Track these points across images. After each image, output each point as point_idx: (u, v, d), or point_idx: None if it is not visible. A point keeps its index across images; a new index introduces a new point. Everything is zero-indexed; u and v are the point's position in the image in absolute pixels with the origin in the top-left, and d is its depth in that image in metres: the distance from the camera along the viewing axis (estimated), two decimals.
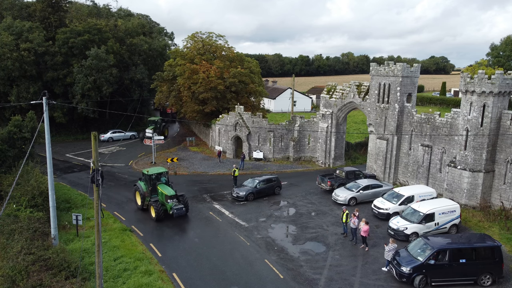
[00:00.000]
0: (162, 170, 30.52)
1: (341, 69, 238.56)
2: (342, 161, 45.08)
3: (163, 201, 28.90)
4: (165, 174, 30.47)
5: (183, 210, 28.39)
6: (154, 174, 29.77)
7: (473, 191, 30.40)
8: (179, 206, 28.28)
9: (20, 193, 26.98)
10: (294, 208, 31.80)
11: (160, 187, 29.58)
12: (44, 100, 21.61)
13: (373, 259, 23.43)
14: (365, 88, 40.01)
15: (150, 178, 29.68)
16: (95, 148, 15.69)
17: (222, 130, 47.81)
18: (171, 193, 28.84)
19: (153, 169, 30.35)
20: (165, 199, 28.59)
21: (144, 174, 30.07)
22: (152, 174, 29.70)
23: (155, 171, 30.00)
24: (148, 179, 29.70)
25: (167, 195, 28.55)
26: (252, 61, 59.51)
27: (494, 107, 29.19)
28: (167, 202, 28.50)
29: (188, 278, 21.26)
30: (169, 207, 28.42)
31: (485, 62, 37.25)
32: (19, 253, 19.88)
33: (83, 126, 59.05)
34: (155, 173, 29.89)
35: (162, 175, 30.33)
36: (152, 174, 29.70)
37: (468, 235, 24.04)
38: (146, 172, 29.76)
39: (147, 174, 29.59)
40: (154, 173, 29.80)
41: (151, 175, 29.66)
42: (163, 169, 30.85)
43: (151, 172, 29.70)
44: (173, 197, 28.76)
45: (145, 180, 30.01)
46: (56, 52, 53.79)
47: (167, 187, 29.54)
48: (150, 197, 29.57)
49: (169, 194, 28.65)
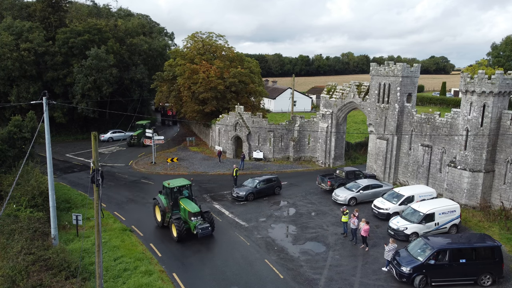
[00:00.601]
0: (185, 182, 27.17)
1: (341, 69, 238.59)
2: (342, 161, 45.08)
3: (185, 218, 25.72)
4: (188, 187, 27.27)
5: (208, 229, 25.01)
6: (176, 187, 26.51)
7: (473, 191, 30.40)
8: (204, 225, 24.91)
9: (20, 193, 26.98)
10: (294, 208, 31.80)
11: (183, 202, 26.34)
12: (44, 100, 21.61)
13: (373, 259, 23.42)
14: (365, 88, 40.01)
15: (172, 192, 26.50)
16: (95, 148, 15.69)
17: (222, 130, 47.81)
18: (195, 209, 25.39)
19: (175, 181, 27.25)
20: (188, 216, 25.37)
21: (165, 187, 26.95)
22: (174, 187, 26.44)
23: (177, 184, 26.74)
24: (169, 192, 26.56)
25: (190, 212, 25.22)
26: (252, 61, 59.54)
27: (494, 107, 29.19)
28: (191, 220, 25.22)
29: (188, 278, 21.28)
30: (192, 225, 25.12)
31: (485, 62, 37.23)
32: (19, 253, 19.88)
33: (83, 126, 59.08)
34: (177, 186, 26.60)
35: (185, 188, 27.25)
36: (174, 187, 26.45)
37: (468, 235, 24.03)
38: (167, 185, 26.58)
39: (168, 187, 26.44)
40: (176, 186, 26.54)
41: (173, 188, 26.46)
42: (186, 181, 27.46)
43: (173, 185, 26.50)
44: (197, 214, 25.36)
45: (166, 193, 26.92)
46: (56, 52, 53.81)
47: (190, 202, 26.25)
48: (171, 213, 26.51)
49: (193, 210, 25.22)
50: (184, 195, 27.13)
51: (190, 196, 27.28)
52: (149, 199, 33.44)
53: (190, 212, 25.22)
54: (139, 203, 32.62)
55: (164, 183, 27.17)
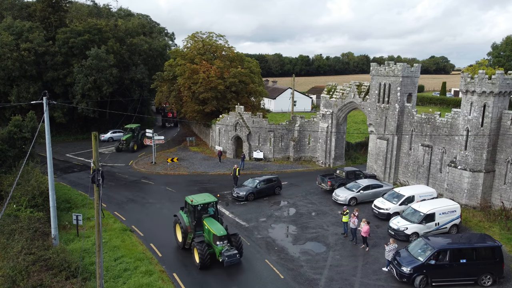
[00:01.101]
0: (211, 199, 24.07)
1: (341, 69, 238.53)
2: (342, 161, 45.07)
3: (210, 241, 22.61)
4: (214, 205, 24.13)
5: (236, 257, 21.71)
6: (200, 204, 23.55)
7: (474, 191, 30.39)
8: (231, 252, 21.55)
9: (20, 193, 26.97)
10: (295, 208, 31.79)
11: (207, 222, 23.12)
12: (45, 100, 21.60)
13: (373, 259, 23.42)
14: (365, 88, 40.01)
15: (195, 210, 23.51)
16: (96, 148, 15.68)
17: (222, 130, 47.81)
18: (221, 232, 22.15)
19: (199, 198, 24.21)
20: (213, 239, 22.24)
21: (187, 204, 24.10)
22: (198, 204, 23.48)
23: (201, 201, 23.74)
24: (192, 210, 23.60)
25: (216, 235, 22.06)
26: (252, 61, 59.56)
27: (495, 107, 29.18)
28: (216, 245, 22.12)
29: (189, 278, 21.26)
30: (218, 251, 21.97)
31: (486, 62, 37.24)
32: (20, 253, 19.88)
33: (83, 126, 59.08)
34: (201, 203, 23.62)
35: (210, 206, 24.10)
36: (198, 205, 23.49)
37: (468, 235, 24.02)
38: (189, 202, 23.57)
39: (191, 204, 23.41)
40: (200, 203, 23.56)
41: (196, 206, 23.47)
42: (211, 197, 24.35)
43: (197, 202, 23.52)
44: (223, 238, 22.16)
45: (188, 211, 24.04)
46: (56, 52, 53.81)
47: (215, 223, 23.09)
48: (193, 233, 23.52)
49: (218, 234, 22.03)
50: (209, 213, 23.96)
51: (216, 215, 24.09)
52: (149, 199, 33.49)
53: (216, 235, 22.06)
54: (139, 203, 32.61)
55: (187, 199, 24.15)
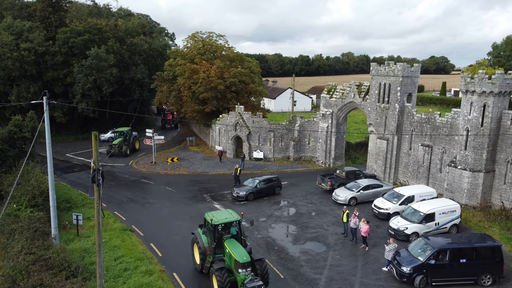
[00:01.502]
0: (233, 218, 20.81)
1: (341, 69, 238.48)
2: (342, 161, 45.08)
3: (231, 266, 19.56)
4: (236, 224, 20.95)
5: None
6: (221, 224, 20.45)
7: (474, 191, 30.40)
8: (255, 283, 18.31)
9: (20, 193, 26.98)
10: (294, 208, 31.81)
11: (229, 244, 20.00)
12: (45, 100, 21.60)
13: (373, 259, 23.43)
14: (365, 88, 40.02)
15: (215, 230, 20.42)
16: (96, 147, 15.69)
17: (222, 130, 47.82)
18: (245, 259, 18.94)
19: (220, 215, 21.04)
20: (235, 266, 19.15)
21: (207, 222, 21.02)
22: (218, 224, 20.36)
23: (222, 219, 20.52)
24: (211, 230, 20.45)
25: (238, 262, 18.91)
26: (252, 61, 59.55)
27: (495, 107, 29.19)
28: (238, 273, 18.94)
29: (189, 278, 21.26)
30: (240, 280, 18.87)
31: (486, 62, 37.29)
32: (20, 253, 19.88)
33: (83, 126, 59.07)
34: (223, 222, 20.45)
35: (233, 225, 20.96)
36: (218, 224, 20.39)
37: (468, 235, 24.05)
38: (209, 220, 20.43)
39: (211, 223, 20.27)
40: (221, 223, 20.43)
41: (216, 226, 20.38)
42: (234, 215, 21.08)
43: (217, 221, 20.34)
44: (247, 265, 18.91)
45: (208, 230, 20.89)
46: (56, 52, 53.81)
47: (238, 246, 19.92)
48: (213, 256, 20.49)
49: (241, 260, 18.81)
50: (231, 234, 20.95)
51: (239, 236, 20.94)
52: (149, 199, 33.51)
53: (238, 262, 18.90)
54: (139, 203, 32.62)
55: (206, 216, 21.16)
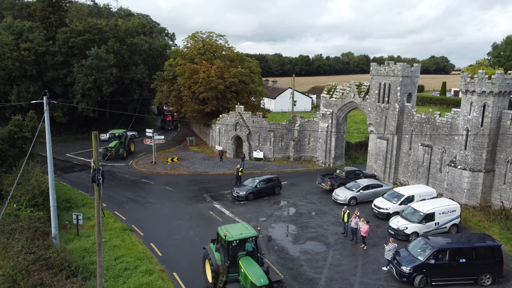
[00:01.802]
0: (249, 234, 18.88)
1: (341, 69, 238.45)
2: (342, 160, 45.10)
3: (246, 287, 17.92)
4: (252, 240, 19.08)
5: None
6: (235, 240, 18.55)
7: (473, 191, 30.41)
8: None
9: (20, 192, 26.99)
10: (294, 208, 31.83)
11: (244, 263, 18.26)
12: (45, 100, 21.62)
13: (373, 259, 23.44)
14: (365, 88, 40.03)
15: (229, 246, 18.56)
16: (96, 147, 15.69)
17: (222, 129, 47.84)
18: (262, 281, 17.13)
19: (235, 230, 19.06)
20: None
21: (220, 238, 19.16)
22: (233, 240, 18.47)
23: (237, 235, 18.58)
24: (225, 247, 18.61)
25: (254, 285, 17.11)
26: (252, 61, 59.58)
27: (494, 107, 29.21)
28: None
29: (189, 277, 21.29)
30: None
31: (486, 62, 37.29)
32: (20, 253, 19.90)
33: (83, 125, 59.08)
34: (238, 238, 18.56)
35: (248, 241, 19.04)
36: (233, 241, 18.53)
37: (468, 234, 24.07)
38: (223, 236, 18.51)
39: (225, 239, 18.38)
40: (236, 239, 18.54)
41: (231, 242, 18.54)
42: (250, 230, 19.14)
43: (232, 237, 18.42)
44: None
45: (221, 246, 19.01)
46: (56, 51, 53.82)
47: (254, 265, 18.17)
48: (226, 276, 18.54)
49: (258, 283, 17.04)
50: (247, 250, 19.04)
51: (256, 253, 19.01)
52: (149, 198, 33.53)
53: (254, 284, 17.08)
54: (140, 202, 32.64)
55: (219, 230, 19.30)
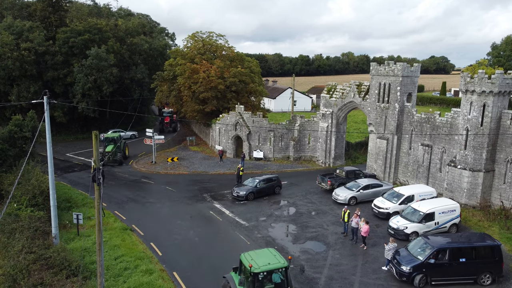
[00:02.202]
0: (278, 264, 16.77)
1: (341, 68, 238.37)
2: (342, 160, 45.12)
3: None
4: (283, 271, 16.84)
5: None
6: (263, 272, 16.46)
7: (473, 190, 30.43)
8: None
9: (21, 192, 27.02)
10: (294, 208, 31.85)
11: None
12: (45, 100, 21.64)
13: (373, 258, 23.47)
14: (365, 87, 40.05)
15: (255, 279, 16.37)
16: (96, 147, 15.71)
17: (222, 129, 47.86)
18: None
19: (261, 259, 16.90)
20: None
21: (243, 267, 17.01)
22: (260, 272, 16.36)
23: (264, 266, 16.49)
24: (251, 279, 16.36)
25: None
26: (252, 60, 59.61)
27: (494, 106, 29.23)
28: None
29: (189, 277, 21.32)
30: None
31: (485, 62, 37.29)
32: (20, 252, 19.91)
33: (84, 125, 59.13)
34: (265, 270, 16.46)
35: (277, 272, 16.81)
36: (260, 273, 16.40)
37: (468, 234, 24.07)
38: (248, 267, 16.31)
39: (250, 270, 16.17)
40: (263, 271, 16.45)
41: (257, 274, 16.38)
42: (280, 260, 17.01)
43: (258, 269, 16.30)
44: None
45: (245, 278, 16.75)
46: (57, 51, 53.86)
47: None
48: None
49: None
50: (274, 282, 16.72)
51: (284, 286, 16.80)
52: (149, 198, 33.56)
53: None
54: (140, 202, 32.67)
55: (243, 258, 17.12)
